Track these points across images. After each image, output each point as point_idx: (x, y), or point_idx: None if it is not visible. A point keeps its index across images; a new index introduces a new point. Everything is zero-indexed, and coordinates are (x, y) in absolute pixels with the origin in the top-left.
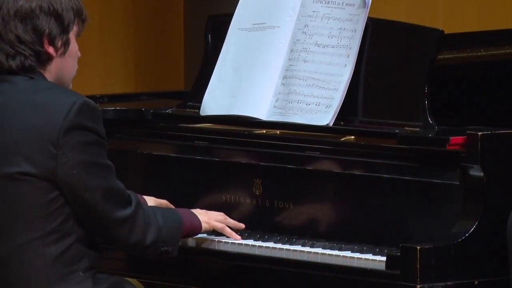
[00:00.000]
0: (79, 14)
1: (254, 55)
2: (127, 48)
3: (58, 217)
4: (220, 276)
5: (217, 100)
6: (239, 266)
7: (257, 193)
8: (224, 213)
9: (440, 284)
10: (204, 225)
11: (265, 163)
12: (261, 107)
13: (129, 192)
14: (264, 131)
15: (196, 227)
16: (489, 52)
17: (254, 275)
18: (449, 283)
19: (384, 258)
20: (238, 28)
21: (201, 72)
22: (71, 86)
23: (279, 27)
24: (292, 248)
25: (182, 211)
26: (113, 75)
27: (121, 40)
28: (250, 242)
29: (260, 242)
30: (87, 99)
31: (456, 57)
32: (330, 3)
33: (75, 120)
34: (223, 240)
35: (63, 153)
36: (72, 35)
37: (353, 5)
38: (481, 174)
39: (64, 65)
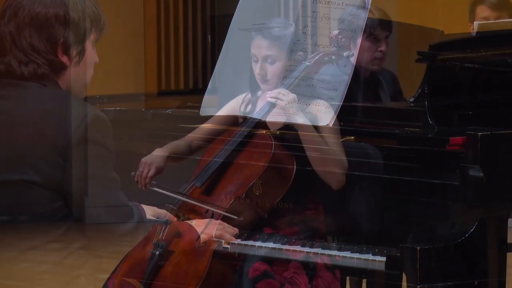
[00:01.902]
0: (96, 23)
1: None
2: (127, 48)
3: (61, 225)
4: (220, 276)
5: (217, 100)
6: (239, 266)
7: (257, 193)
8: (225, 213)
9: (440, 284)
10: (203, 237)
11: (265, 163)
12: (261, 107)
13: (131, 203)
14: (264, 131)
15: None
16: (489, 53)
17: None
18: (449, 283)
19: (383, 258)
20: (238, 29)
21: (201, 72)
22: (85, 92)
23: (279, 27)
24: (291, 248)
25: (180, 225)
26: (113, 75)
27: (122, 40)
28: (250, 242)
29: (259, 242)
30: (98, 112)
31: (456, 57)
32: (330, 3)
33: (85, 133)
34: (223, 240)
35: (70, 165)
36: (88, 43)
37: (353, 5)
38: (481, 174)
39: (79, 73)
